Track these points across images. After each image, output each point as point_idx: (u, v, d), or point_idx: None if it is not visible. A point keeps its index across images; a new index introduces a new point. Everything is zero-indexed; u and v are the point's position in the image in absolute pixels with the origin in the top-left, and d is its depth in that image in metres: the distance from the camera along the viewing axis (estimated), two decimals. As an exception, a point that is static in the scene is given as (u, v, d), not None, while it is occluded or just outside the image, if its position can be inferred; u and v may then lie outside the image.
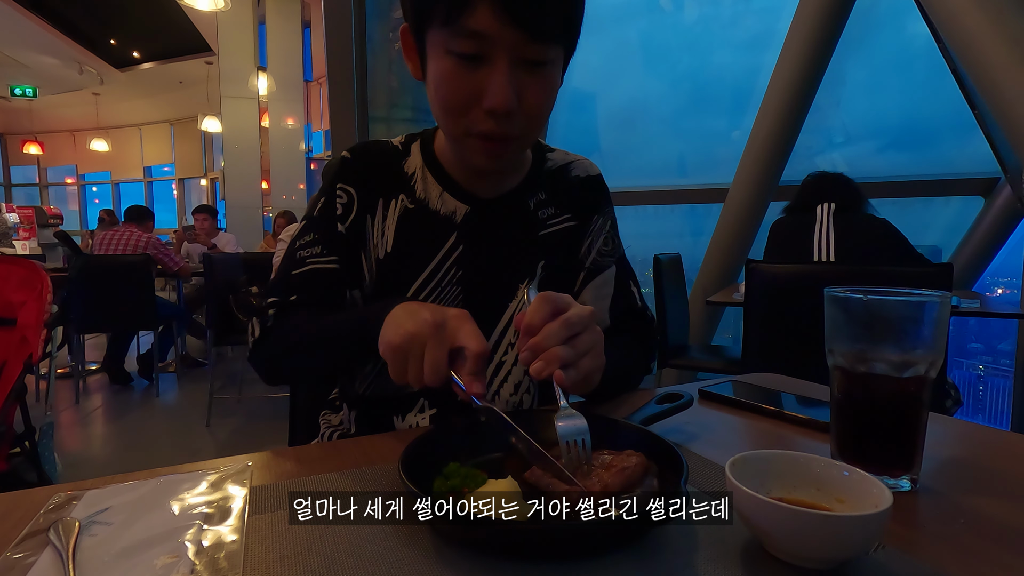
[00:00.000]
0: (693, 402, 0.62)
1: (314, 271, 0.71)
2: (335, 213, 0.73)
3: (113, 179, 12.01)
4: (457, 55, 0.60)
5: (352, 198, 0.73)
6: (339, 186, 0.73)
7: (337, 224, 0.72)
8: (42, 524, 0.42)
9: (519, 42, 0.58)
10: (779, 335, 1.53)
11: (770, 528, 0.37)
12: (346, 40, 2.88)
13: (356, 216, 0.73)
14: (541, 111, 0.64)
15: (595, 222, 0.82)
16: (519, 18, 0.57)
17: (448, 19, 0.58)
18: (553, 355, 0.51)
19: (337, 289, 0.72)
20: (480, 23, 0.57)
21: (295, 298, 0.71)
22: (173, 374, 4.27)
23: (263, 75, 7.14)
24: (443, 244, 0.74)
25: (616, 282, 0.82)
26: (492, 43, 0.58)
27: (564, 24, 0.61)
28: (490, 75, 0.60)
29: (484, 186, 0.76)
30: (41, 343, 1.57)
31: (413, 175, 0.76)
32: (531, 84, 0.62)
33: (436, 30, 0.61)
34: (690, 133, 4.31)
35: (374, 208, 0.74)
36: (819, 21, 2.93)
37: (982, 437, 0.64)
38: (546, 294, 0.55)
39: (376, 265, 0.74)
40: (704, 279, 3.39)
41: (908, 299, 0.45)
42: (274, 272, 0.77)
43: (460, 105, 0.62)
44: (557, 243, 0.79)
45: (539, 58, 0.61)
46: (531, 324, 0.53)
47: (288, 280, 0.72)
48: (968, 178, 3.27)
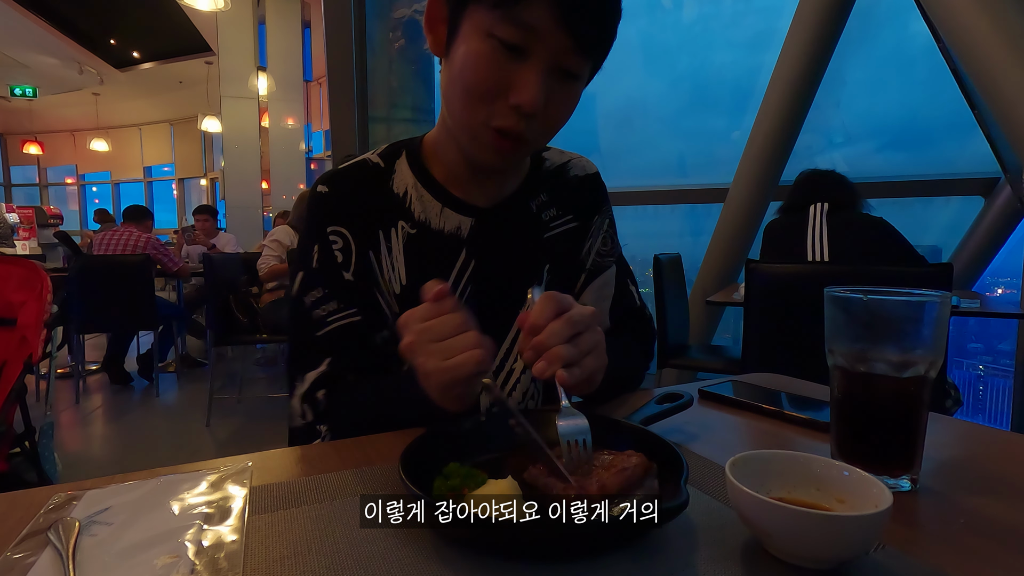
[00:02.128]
0: (693, 402, 0.62)
1: (339, 329, 0.67)
2: (336, 261, 0.68)
3: (113, 179, 12.02)
4: (500, 41, 0.57)
5: (348, 241, 0.68)
6: (330, 229, 0.68)
7: (342, 273, 0.68)
8: (42, 524, 0.42)
9: (564, 47, 0.58)
10: (779, 335, 1.53)
11: (770, 528, 0.37)
12: (346, 40, 2.88)
13: (358, 258, 0.69)
14: (558, 123, 0.64)
15: (595, 222, 0.82)
16: (573, 23, 0.56)
17: (503, 1, 0.56)
18: (556, 354, 0.51)
19: (367, 341, 0.69)
20: (535, 16, 0.56)
21: (329, 361, 0.67)
22: (173, 374, 4.28)
23: (263, 75, 7.14)
24: (454, 263, 0.71)
25: (615, 282, 0.82)
26: (539, 39, 0.57)
27: (605, 43, 0.61)
28: (526, 71, 0.58)
29: (483, 193, 0.73)
30: (41, 343, 1.57)
31: (406, 195, 0.72)
32: (559, 93, 0.61)
33: (483, 9, 0.58)
34: (690, 133, 4.31)
35: (376, 242, 0.70)
36: (819, 21, 2.93)
37: (982, 437, 0.64)
38: (550, 293, 0.54)
39: (395, 300, 0.71)
40: (704, 279, 3.39)
41: (908, 299, 0.45)
42: (291, 334, 0.71)
43: (486, 92, 0.60)
44: (561, 245, 0.78)
45: (575, 70, 0.60)
46: (535, 324, 0.52)
47: (315, 344, 0.68)
48: (968, 178, 3.27)
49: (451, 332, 0.51)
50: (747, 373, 0.87)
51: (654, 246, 3.10)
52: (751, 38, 4.00)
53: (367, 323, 0.69)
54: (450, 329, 0.51)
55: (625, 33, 0.63)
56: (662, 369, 2.55)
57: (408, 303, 0.70)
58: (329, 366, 0.67)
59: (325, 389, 0.67)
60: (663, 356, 2.50)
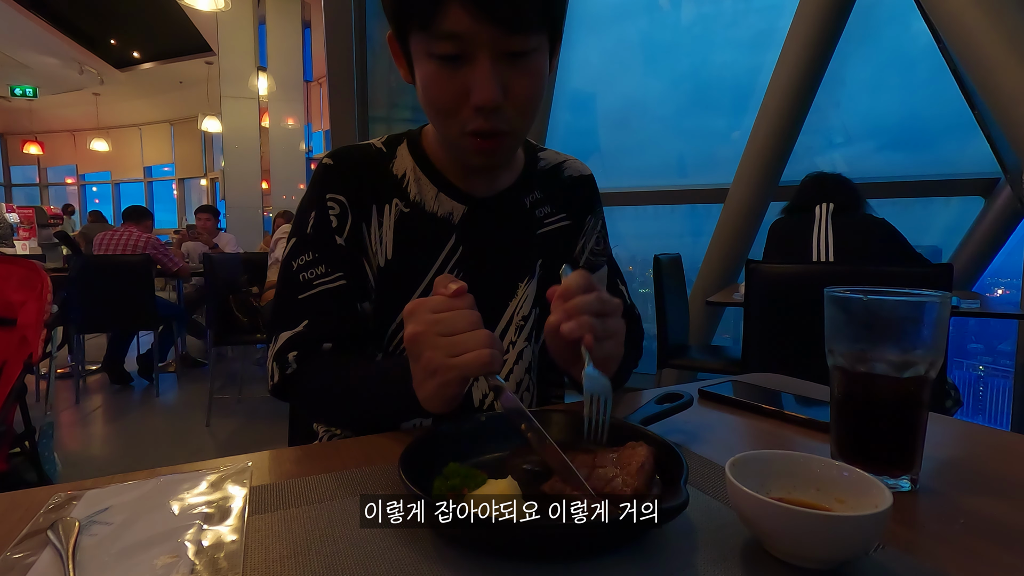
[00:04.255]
0: (693, 402, 0.62)
1: (322, 293, 0.68)
2: (331, 226, 0.70)
3: (113, 179, 12.03)
4: (438, 57, 0.59)
5: (344, 208, 0.70)
6: (329, 196, 0.70)
7: (335, 237, 0.70)
8: (42, 524, 0.42)
9: (497, 36, 0.58)
10: (779, 335, 1.53)
11: (770, 528, 0.37)
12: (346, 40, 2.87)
13: (352, 226, 0.70)
14: (529, 102, 0.63)
15: (588, 222, 0.84)
16: (492, 13, 0.56)
17: (423, 23, 0.58)
18: (586, 321, 0.53)
19: (349, 308, 0.70)
20: (455, 24, 0.57)
21: (307, 323, 0.67)
22: (173, 374, 4.27)
23: (263, 75, 7.14)
24: (443, 247, 0.73)
25: (607, 281, 0.84)
26: (470, 41, 0.58)
27: (542, 10, 0.60)
28: (473, 72, 0.59)
29: (479, 184, 0.75)
30: (41, 343, 1.57)
31: (404, 177, 0.74)
32: (516, 76, 0.61)
33: (415, 35, 0.60)
34: (690, 133, 4.30)
35: (368, 215, 0.71)
36: (819, 20, 2.93)
37: (982, 437, 0.64)
38: (585, 272, 0.56)
39: (378, 273, 0.72)
40: (704, 279, 3.39)
41: (908, 299, 0.45)
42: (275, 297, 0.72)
43: (448, 106, 0.62)
44: (554, 242, 0.80)
45: (521, 48, 0.60)
46: (569, 289, 0.55)
47: (296, 306, 0.68)
48: (968, 178, 3.27)
49: (463, 328, 0.50)
50: (747, 373, 0.87)
51: (654, 246, 3.10)
52: (751, 38, 4.00)
53: (352, 292, 0.70)
54: (463, 325, 0.50)
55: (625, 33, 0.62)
56: (662, 369, 2.55)
57: (388, 279, 0.71)
58: (306, 328, 0.67)
59: (297, 351, 0.67)
60: (663, 356, 2.50)
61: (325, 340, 0.68)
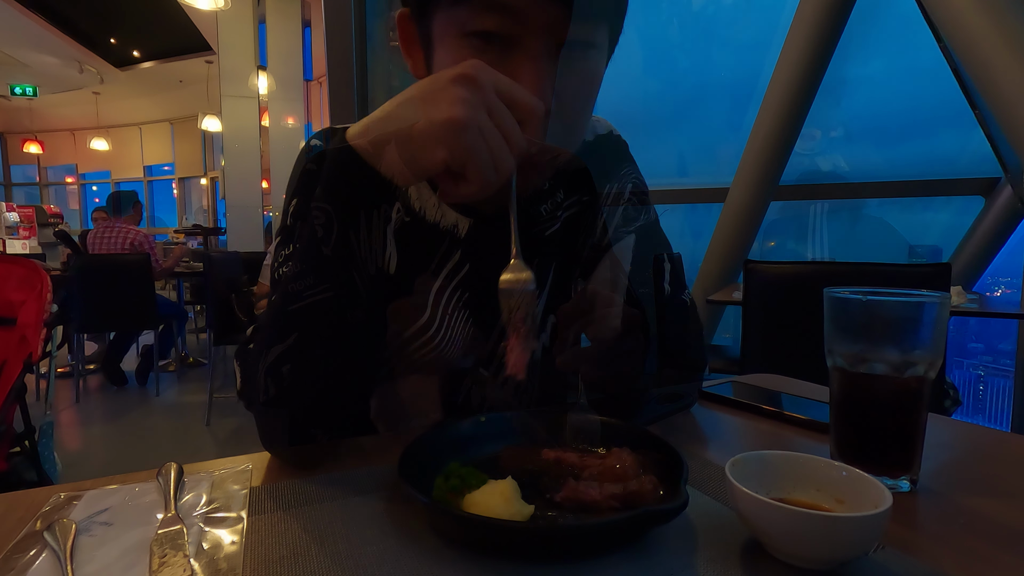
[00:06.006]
0: (694, 402, 0.62)
1: (312, 305, 0.61)
2: (316, 236, 0.62)
3: (113, 178, 12.01)
4: (479, 36, 0.49)
5: (330, 217, 0.62)
6: (314, 204, 0.62)
7: (321, 248, 0.62)
8: (41, 525, 0.42)
9: (559, 18, 0.47)
10: (779, 335, 1.53)
11: (770, 528, 0.37)
12: (346, 40, 2.87)
13: (338, 236, 0.62)
14: (580, 114, 0.53)
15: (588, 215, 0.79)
16: None
17: None
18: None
19: (337, 321, 0.63)
20: None
21: (297, 337, 0.61)
22: (173, 374, 4.27)
23: (263, 74, 7.14)
24: (447, 262, 0.66)
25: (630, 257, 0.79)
26: (522, 19, 0.47)
27: None
28: (519, 62, 0.48)
29: None
30: (41, 343, 1.57)
31: None
32: (571, 76, 0.50)
33: (446, 9, 0.50)
34: (690, 133, 4.30)
35: (356, 223, 0.62)
36: (820, 20, 2.93)
37: (982, 437, 0.64)
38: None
39: (372, 284, 0.63)
40: (704, 279, 3.39)
41: (907, 299, 0.45)
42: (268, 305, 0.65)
43: None
44: (560, 240, 0.75)
45: (585, 38, 0.49)
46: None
47: (285, 318, 0.61)
48: (968, 178, 3.27)
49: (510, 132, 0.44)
50: (747, 373, 0.87)
51: (654, 246, 3.09)
52: (752, 38, 3.99)
53: (340, 304, 0.62)
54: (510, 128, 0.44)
55: (625, 33, 0.59)
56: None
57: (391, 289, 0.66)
58: (296, 340, 0.61)
59: (291, 364, 0.61)
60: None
61: (316, 351, 0.63)
